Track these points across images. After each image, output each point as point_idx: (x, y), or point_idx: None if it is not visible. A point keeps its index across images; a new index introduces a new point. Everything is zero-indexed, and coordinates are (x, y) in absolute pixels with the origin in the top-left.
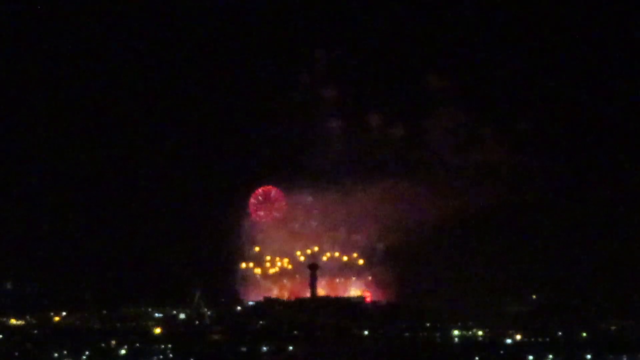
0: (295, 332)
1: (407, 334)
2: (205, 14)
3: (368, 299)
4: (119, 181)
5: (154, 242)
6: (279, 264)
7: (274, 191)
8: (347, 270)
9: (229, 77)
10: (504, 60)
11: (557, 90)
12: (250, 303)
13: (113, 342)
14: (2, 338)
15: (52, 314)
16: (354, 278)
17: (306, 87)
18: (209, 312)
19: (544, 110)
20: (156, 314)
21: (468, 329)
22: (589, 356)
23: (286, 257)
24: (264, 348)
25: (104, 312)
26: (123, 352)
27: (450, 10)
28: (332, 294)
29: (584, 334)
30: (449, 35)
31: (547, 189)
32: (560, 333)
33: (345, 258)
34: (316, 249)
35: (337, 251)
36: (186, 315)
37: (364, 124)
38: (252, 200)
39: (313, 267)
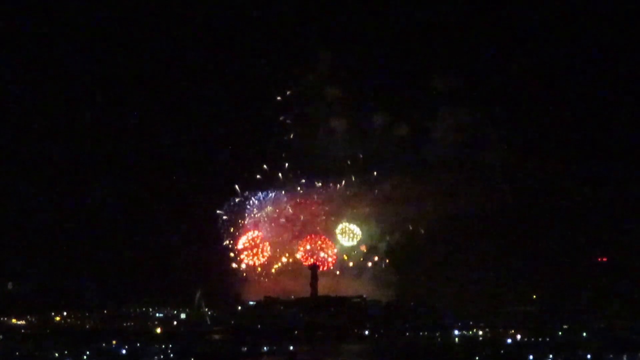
0: (296, 332)
1: (407, 334)
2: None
3: None
4: (120, 182)
5: (155, 243)
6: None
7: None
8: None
9: (232, 79)
10: (508, 61)
11: (559, 91)
12: (251, 303)
13: (113, 342)
14: (2, 338)
15: (52, 314)
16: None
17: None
18: (209, 312)
19: (545, 112)
20: (157, 314)
21: (468, 329)
22: (589, 356)
23: (287, 256)
24: (264, 348)
25: (104, 312)
26: (123, 352)
27: (454, 11)
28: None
29: (584, 334)
30: (452, 36)
31: (548, 190)
32: (560, 333)
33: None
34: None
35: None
36: (187, 315)
37: (367, 124)
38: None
39: (313, 267)
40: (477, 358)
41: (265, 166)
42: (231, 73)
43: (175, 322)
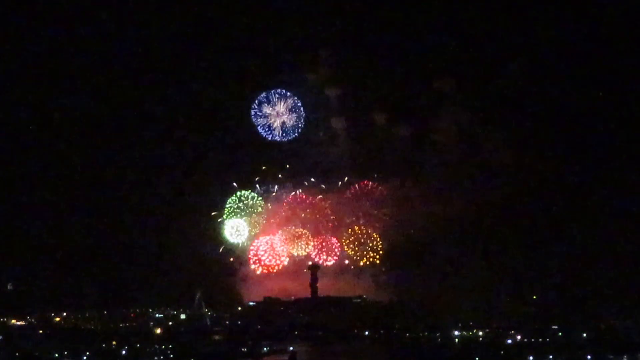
0: (296, 332)
1: (407, 334)
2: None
3: None
4: (121, 183)
5: (155, 244)
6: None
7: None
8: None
9: (231, 80)
10: (509, 61)
11: (560, 91)
12: (251, 303)
13: (113, 342)
14: (2, 338)
15: (52, 314)
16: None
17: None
18: (209, 313)
19: (546, 112)
20: (157, 315)
21: (468, 329)
22: (589, 356)
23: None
24: (264, 348)
25: (104, 312)
26: (123, 352)
27: (454, 12)
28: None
29: (584, 334)
30: (452, 36)
31: (548, 190)
32: (560, 333)
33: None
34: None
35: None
36: (187, 316)
37: (367, 124)
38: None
39: (313, 268)
40: (477, 358)
41: (264, 167)
42: (230, 74)
43: (175, 323)
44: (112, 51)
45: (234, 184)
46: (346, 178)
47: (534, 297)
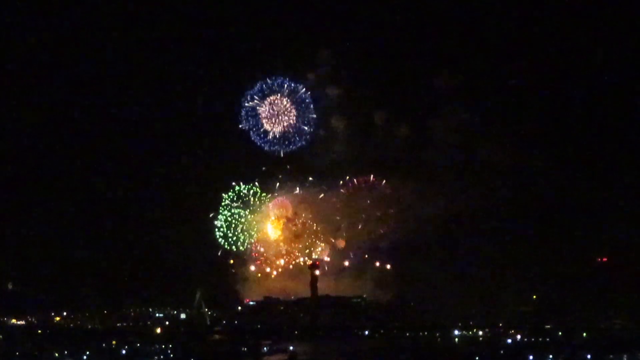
0: (296, 332)
1: (407, 334)
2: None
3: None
4: (120, 182)
5: (155, 243)
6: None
7: None
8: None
9: (230, 79)
10: (507, 60)
11: (560, 91)
12: (251, 303)
13: (113, 342)
14: (2, 338)
15: (52, 314)
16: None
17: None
18: (209, 312)
19: (546, 112)
20: (157, 314)
21: (468, 329)
22: (589, 356)
23: (287, 257)
24: (264, 348)
25: (104, 312)
26: (123, 352)
27: (454, 10)
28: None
29: (584, 334)
30: (452, 35)
31: (548, 189)
32: (560, 333)
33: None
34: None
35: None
36: (187, 316)
37: (366, 123)
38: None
39: (313, 267)
40: (477, 358)
41: (264, 168)
42: (229, 73)
43: (174, 322)
44: (106, 49)
45: (233, 183)
46: (347, 177)
47: (534, 297)
